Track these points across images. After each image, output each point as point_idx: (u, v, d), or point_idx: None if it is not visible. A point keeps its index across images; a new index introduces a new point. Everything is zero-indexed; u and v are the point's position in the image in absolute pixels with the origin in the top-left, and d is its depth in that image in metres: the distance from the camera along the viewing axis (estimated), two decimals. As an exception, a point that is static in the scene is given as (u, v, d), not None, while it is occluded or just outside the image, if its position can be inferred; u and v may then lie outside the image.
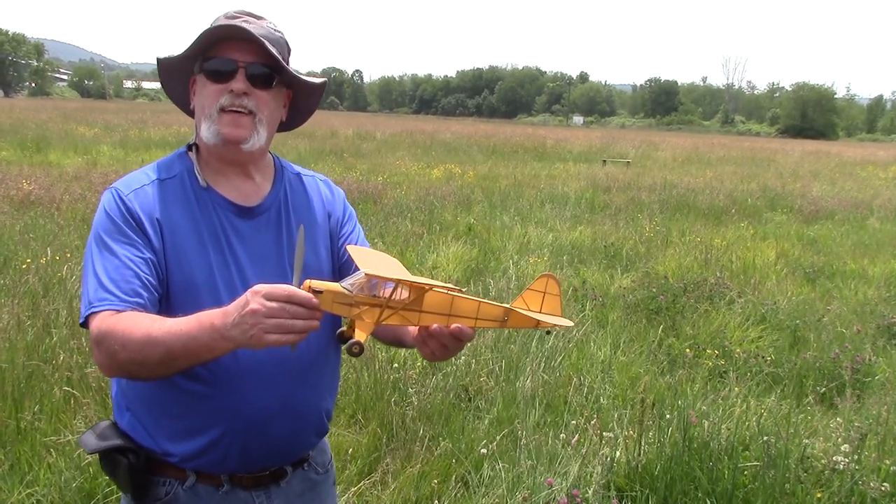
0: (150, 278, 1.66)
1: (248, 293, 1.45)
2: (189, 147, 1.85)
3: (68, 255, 6.87)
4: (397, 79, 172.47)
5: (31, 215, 9.42)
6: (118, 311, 1.59)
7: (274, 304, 1.44)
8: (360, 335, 1.62)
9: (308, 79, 1.88)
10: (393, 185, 15.45)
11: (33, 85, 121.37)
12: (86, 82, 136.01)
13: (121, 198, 1.70)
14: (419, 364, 5.36)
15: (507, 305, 1.80)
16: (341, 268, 1.99)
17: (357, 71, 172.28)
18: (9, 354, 4.48)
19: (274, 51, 1.75)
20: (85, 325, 1.62)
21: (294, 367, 1.80)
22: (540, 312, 1.86)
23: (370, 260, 1.80)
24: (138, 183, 1.76)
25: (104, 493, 3.46)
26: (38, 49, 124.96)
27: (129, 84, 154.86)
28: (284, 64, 1.80)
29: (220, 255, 1.76)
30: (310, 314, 1.48)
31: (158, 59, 1.84)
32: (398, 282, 1.63)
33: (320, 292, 1.55)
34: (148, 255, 1.68)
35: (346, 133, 34.38)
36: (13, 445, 3.82)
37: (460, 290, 1.70)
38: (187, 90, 1.87)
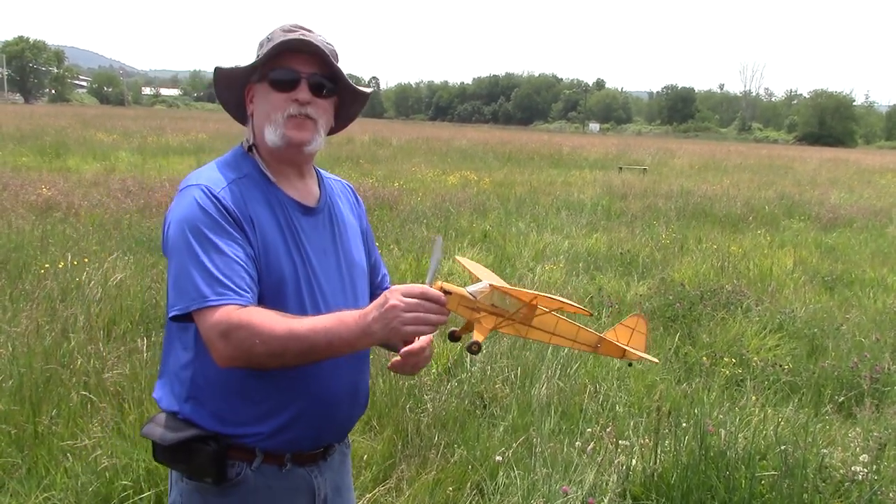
0: (254, 274, 1.78)
1: (387, 292, 1.66)
2: (248, 148, 1.96)
3: (86, 261, 6.91)
4: (413, 86, 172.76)
5: (50, 220, 9.49)
6: (242, 305, 1.69)
7: (411, 300, 1.64)
8: (478, 336, 1.85)
9: (359, 88, 2.02)
10: (409, 191, 15.47)
11: (53, 91, 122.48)
12: (105, 89, 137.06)
13: (213, 194, 1.78)
14: (434, 370, 5.36)
15: (601, 335, 2.09)
16: (371, 269, 2.19)
17: (374, 78, 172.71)
18: (27, 359, 4.51)
19: (333, 62, 1.91)
20: (183, 317, 1.72)
21: (357, 356, 1.97)
22: (627, 345, 2.17)
23: (481, 272, 2.07)
24: (222, 181, 1.84)
25: (121, 498, 3.48)
26: (59, 56, 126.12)
27: (147, 91, 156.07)
28: (342, 74, 1.94)
29: (298, 251, 1.88)
30: (440, 310, 1.68)
31: (217, 69, 1.94)
32: (533, 298, 1.88)
33: (449, 293, 1.78)
34: (249, 251, 1.79)
35: (363, 139, 34.45)
36: (31, 450, 3.84)
37: (581, 307, 1.89)
38: (239, 96, 1.97)
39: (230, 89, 1.98)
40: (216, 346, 1.68)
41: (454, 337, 1.99)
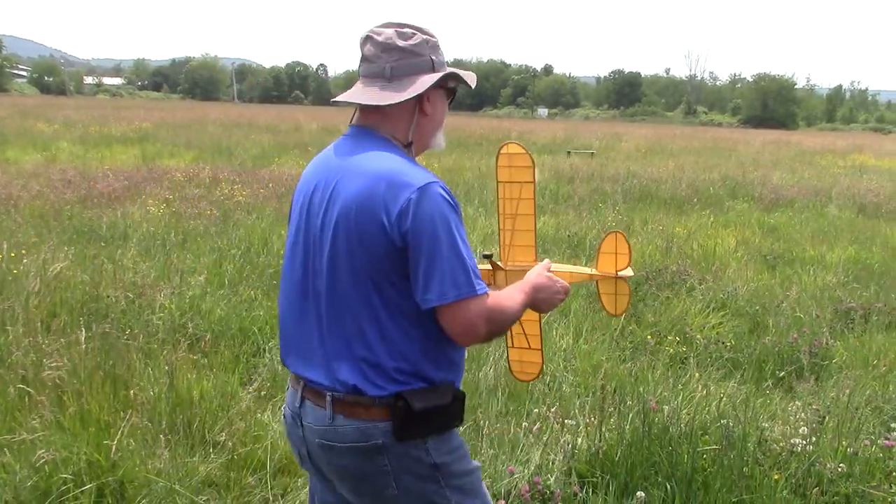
0: None
1: (551, 276, 2.23)
2: (406, 145, 2.13)
3: (23, 252, 6.75)
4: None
5: (-14, 213, 9.24)
6: (488, 294, 1.98)
7: (564, 285, 2.25)
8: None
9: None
10: (357, 178, 15.35)
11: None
12: (45, 78, 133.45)
13: (451, 195, 1.97)
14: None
15: (592, 272, 2.75)
16: None
17: (321, 65, 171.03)
18: (-39, 353, 4.39)
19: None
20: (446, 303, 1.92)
21: None
22: (616, 270, 2.70)
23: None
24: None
25: (60, 492, 3.41)
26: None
27: (89, 80, 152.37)
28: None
29: None
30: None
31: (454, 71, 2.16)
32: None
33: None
34: None
35: (311, 127, 34.16)
36: (-34, 445, 3.75)
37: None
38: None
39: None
40: (478, 329, 1.95)
41: None
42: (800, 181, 19.39)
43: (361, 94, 2.09)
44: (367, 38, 2.08)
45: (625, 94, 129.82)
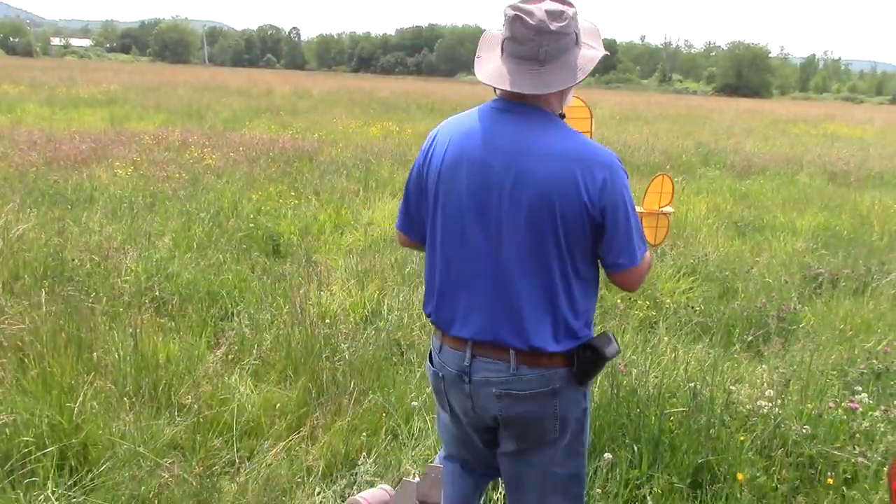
0: None
1: None
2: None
3: (-14, 214, 6.61)
4: (336, 37, 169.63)
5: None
6: None
7: None
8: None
9: None
10: (330, 142, 15.24)
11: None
12: (11, 39, 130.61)
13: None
14: (352, 319, 5.32)
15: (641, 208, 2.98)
16: None
17: (294, 28, 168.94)
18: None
19: None
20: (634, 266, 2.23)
21: None
22: (659, 206, 3.11)
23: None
24: None
25: (22, 454, 3.35)
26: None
27: (56, 41, 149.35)
28: None
29: None
30: None
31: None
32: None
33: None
34: None
35: (283, 91, 33.77)
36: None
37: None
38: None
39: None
40: (642, 280, 2.33)
41: None
42: (772, 149, 19.49)
43: (530, 78, 2.10)
44: (517, 19, 2.06)
45: (600, 60, 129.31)
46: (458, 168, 2.18)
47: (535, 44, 2.06)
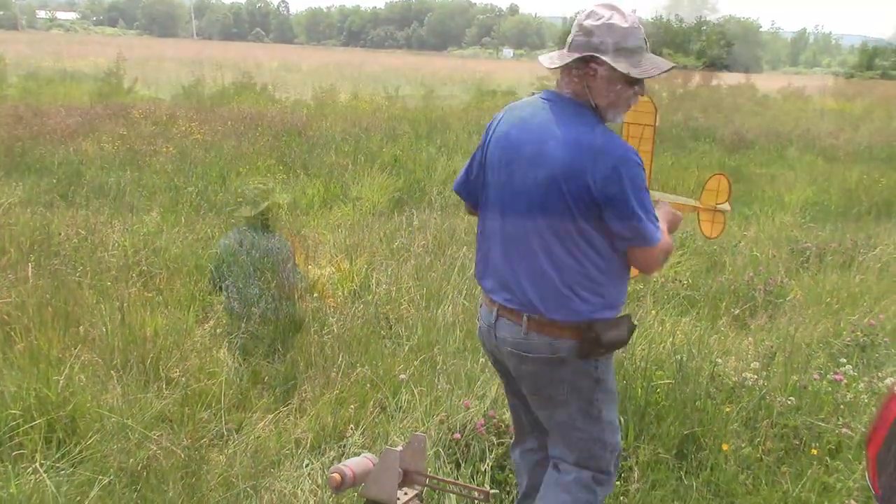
0: None
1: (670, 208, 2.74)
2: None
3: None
4: (325, 10, 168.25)
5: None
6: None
7: (680, 216, 2.78)
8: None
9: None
10: (318, 116, 15.15)
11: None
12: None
13: (639, 157, 2.37)
14: (340, 293, 5.32)
15: (697, 204, 3.33)
16: None
17: (283, 2, 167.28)
18: None
19: None
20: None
21: None
22: (716, 203, 3.31)
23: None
24: None
25: (10, 427, 3.36)
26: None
27: (42, 14, 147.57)
28: None
29: None
30: None
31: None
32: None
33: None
34: None
35: (271, 66, 33.51)
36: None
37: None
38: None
39: None
40: (660, 262, 2.53)
41: None
42: (761, 123, 19.47)
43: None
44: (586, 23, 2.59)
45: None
46: (502, 144, 2.49)
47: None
